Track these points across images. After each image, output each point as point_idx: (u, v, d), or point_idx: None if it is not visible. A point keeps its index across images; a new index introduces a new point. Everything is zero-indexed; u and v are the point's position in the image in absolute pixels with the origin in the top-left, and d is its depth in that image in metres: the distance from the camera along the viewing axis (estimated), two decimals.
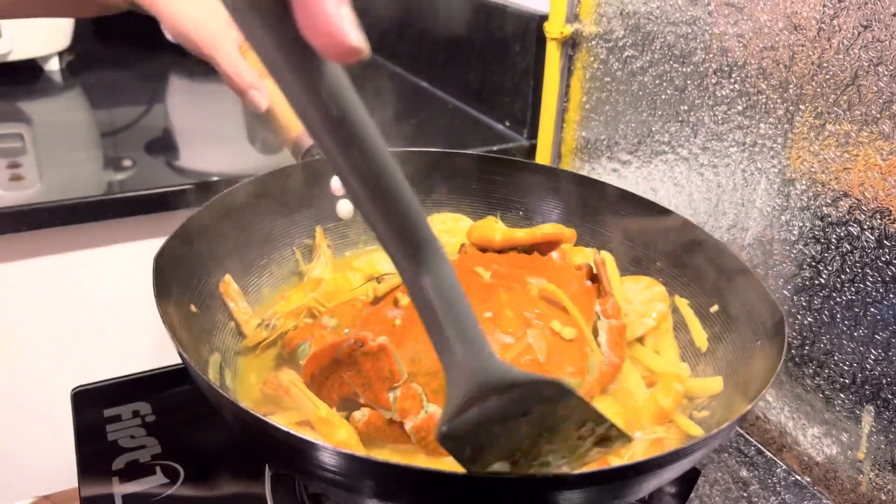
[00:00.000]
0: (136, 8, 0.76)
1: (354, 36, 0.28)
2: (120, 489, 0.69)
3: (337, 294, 0.72)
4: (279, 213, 0.78)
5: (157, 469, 0.71)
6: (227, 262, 0.71)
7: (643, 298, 0.74)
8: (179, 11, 0.73)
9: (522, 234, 0.74)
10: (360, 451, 0.55)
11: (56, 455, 1.05)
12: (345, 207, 0.82)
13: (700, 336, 0.72)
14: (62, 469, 1.09)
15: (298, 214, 0.79)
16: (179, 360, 0.86)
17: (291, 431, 0.45)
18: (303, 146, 0.78)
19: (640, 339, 0.72)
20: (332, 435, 0.55)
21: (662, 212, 0.76)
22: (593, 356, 0.64)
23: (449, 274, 0.37)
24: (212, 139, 1.27)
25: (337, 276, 0.77)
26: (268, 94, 0.77)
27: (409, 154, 0.84)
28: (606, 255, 0.76)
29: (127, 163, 1.10)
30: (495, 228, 0.77)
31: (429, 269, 0.36)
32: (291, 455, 0.50)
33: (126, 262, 1.06)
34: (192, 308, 0.64)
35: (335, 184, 0.80)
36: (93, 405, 0.79)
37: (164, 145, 1.21)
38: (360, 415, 0.57)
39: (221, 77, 0.76)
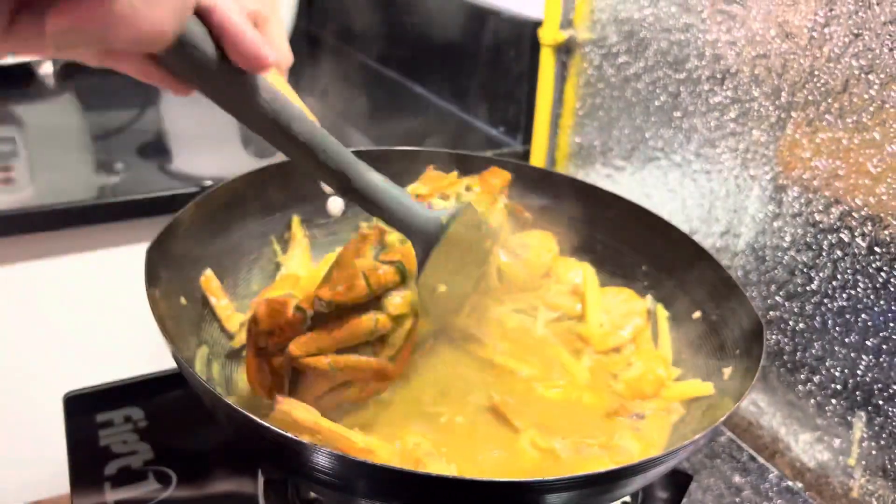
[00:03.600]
0: None
1: (269, 51, 0.38)
2: (112, 495, 0.69)
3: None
4: (270, 209, 0.78)
5: (150, 474, 0.71)
6: (217, 255, 0.71)
7: (621, 311, 0.75)
8: None
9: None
10: (401, 466, 0.55)
11: (48, 460, 1.04)
12: (335, 205, 0.82)
13: (665, 354, 0.72)
14: (54, 474, 1.08)
15: (289, 210, 0.80)
16: (172, 366, 0.86)
17: (284, 433, 0.45)
18: None
19: (617, 350, 0.73)
20: (375, 459, 0.55)
21: (650, 216, 0.77)
22: None
23: (377, 177, 0.51)
24: (204, 143, 1.27)
25: (314, 271, 0.77)
26: None
27: (393, 153, 0.83)
28: (587, 268, 0.77)
29: (119, 166, 1.10)
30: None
31: (362, 180, 0.50)
32: (285, 456, 0.50)
33: (118, 266, 1.05)
34: (182, 301, 0.64)
35: None
36: (85, 410, 0.79)
37: (156, 149, 1.20)
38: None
39: None
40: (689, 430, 0.63)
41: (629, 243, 0.78)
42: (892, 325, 0.67)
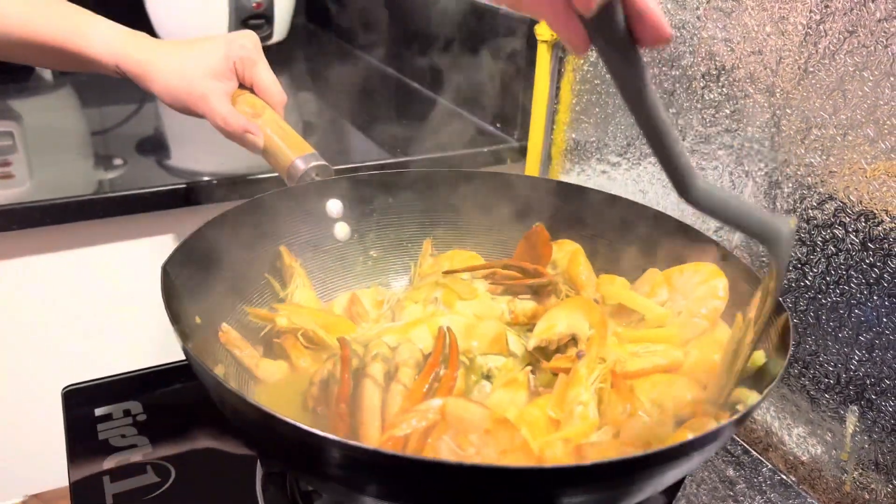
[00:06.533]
0: (126, 77, 0.78)
1: (668, 30, 0.42)
2: (111, 488, 0.69)
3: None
4: (280, 233, 0.78)
5: (148, 468, 0.71)
6: (229, 278, 0.71)
7: (698, 295, 0.70)
8: (169, 79, 0.77)
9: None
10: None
11: (47, 454, 1.04)
12: (342, 230, 0.82)
13: (721, 338, 0.70)
14: (53, 468, 1.09)
15: (298, 235, 0.80)
16: (171, 360, 0.86)
17: (298, 425, 0.45)
18: (297, 173, 0.78)
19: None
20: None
21: (659, 216, 0.77)
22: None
23: (706, 183, 0.50)
24: (202, 138, 1.27)
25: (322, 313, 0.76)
26: (261, 133, 0.78)
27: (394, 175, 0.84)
28: (612, 280, 0.76)
29: (117, 162, 1.10)
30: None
31: (694, 182, 0.49)
32: (299, 451, 0.49)
33: (116, 261, 1.06)
34: (197, 319, 0.64)
35: (331, 207, 0.81)
36: (84, 404, 0.79)
37: (154, 144, 1.21)
38: None
39: (216, 128, 0.78)
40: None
41: (636, 245, 0.78)
42: (884, 320, 0.68)
